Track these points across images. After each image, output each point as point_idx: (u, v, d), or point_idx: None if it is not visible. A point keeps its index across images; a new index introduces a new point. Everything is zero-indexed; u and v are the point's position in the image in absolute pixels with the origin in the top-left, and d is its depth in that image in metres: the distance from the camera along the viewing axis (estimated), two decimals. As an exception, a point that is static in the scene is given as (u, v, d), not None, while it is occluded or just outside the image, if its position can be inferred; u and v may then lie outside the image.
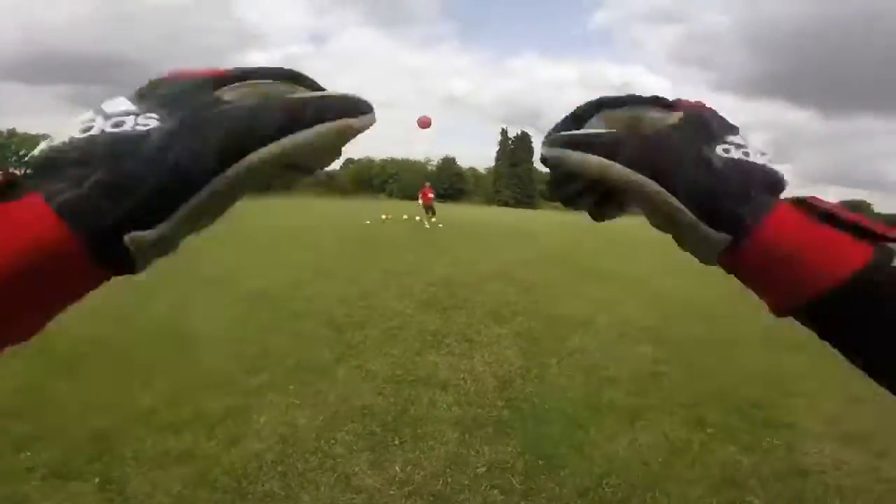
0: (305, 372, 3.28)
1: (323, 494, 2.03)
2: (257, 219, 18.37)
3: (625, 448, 2.48)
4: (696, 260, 0.30)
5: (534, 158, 65.69)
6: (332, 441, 2.41)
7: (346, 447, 2.37)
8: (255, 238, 11.45)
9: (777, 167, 0.27)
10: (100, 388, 2.91)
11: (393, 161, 68.74)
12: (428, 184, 19.58)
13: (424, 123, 17.75)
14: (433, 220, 17.64)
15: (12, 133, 69.96)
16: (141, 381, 3.01)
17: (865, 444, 2.65)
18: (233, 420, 2.57)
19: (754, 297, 0.31)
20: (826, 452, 2.57)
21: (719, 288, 7.54)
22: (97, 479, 2.03)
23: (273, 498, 1.99)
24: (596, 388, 3.23)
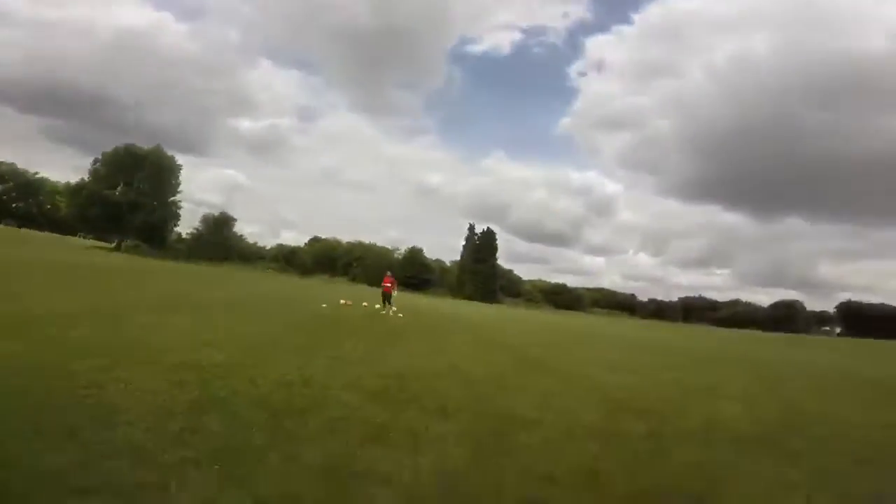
0: (234, 453, 3.03)
1: None
2: (208, 290, 17.71)
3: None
4: (636, 356, 0.39)
5: (497, 255, 68.72)
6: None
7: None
8: (201, 309, 10.95)
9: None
10: (10, 443, 2.68)
11: (360, 245, 69.40)
12: (389, 273, 19.98)
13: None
14: (393, 309, 17.63)
15: None
16: (54, 443, 2.77)
17: None
18: (148, 493, 2.31)
19: (695, 392, 0.43)
20: None
21: (658, 384, 7.84)
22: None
23: None
24: (536, 485, 3.18)
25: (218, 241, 56.77)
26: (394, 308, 17.86)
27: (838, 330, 78.89)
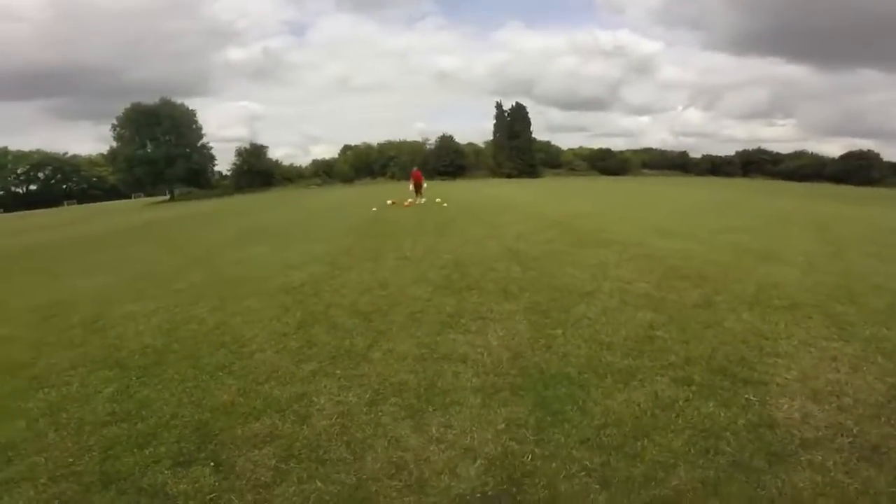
0: (346, 357, 3.87)
1: (380, 455, 2.61)
2: (268, 215, 19.00)
3: (619, 404, 3.02)
4: (691, 220, 0.55)
5: (532, 129, 65.31)
6: (381, 413, 3.00)
7: (392, 417, 2.95)
8: (271, 235, 12.03)
9: None
10: (180, 388, 3.51)
11: (391, 144, 68.42)
12: (415, 168, 22.07)
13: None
14: (437, 200, 19.03)
15: (5, 151, 70.06)
16: (213, 381, 3.61)
17: (833, 400, 3.00)
18: (300, 406, 3.16)
19: (752, 257, 0.64)
20: (795, 407, 2.94)
21: (713, 249, 8.01)
22: (212, 463, 2.62)
23: (344, 462, 2.58)
24: (596, 353, 3.77)
25: (257, 169, 58.35)
26: (437, 199, 18.98)
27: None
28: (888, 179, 66.37)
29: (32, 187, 74.22)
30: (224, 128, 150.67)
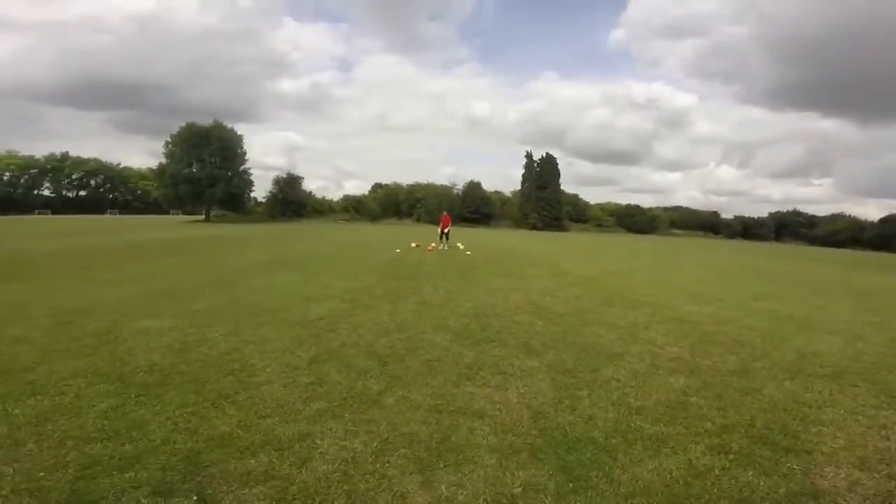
0: (357, 400, 3.67)
1: (382, 510, 2.38)
2: (294, 246, 19.33)
3: (649, 472, 2.73)
4: (724, 284, 0.52)
5: (560, 180, 66.11)
6: (387, 464, 2.77)
7: (399, 470, 2.71)
8: (296, 266, 12.13)
9: None
10: (178, 412, 3.36)
11: (419, 186, 70.19)
12: (445, 212, 22.65)
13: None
14: (460, 247, 19.60)
15: (65, 157, 75.15)
16: (214, 408, 3.45)
17: (882, 469, 2.82)
18: (300, 445, 2.96)
19: (790, 324, 0.58)
20: (841, 475, 2.74)
21: (749, 315, 7.66)
22: (195, 497, 2.43)
23: (341, 512, 2.35)
24: (625, 417, 3.48)
25: (291, 199, 60.38)
26: (460, 245, 19.18)
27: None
28: (932, 248, 62.95)
29: (82, 193, 78.46)
30: (266, 155, 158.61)
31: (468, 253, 17.79)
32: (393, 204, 67.06)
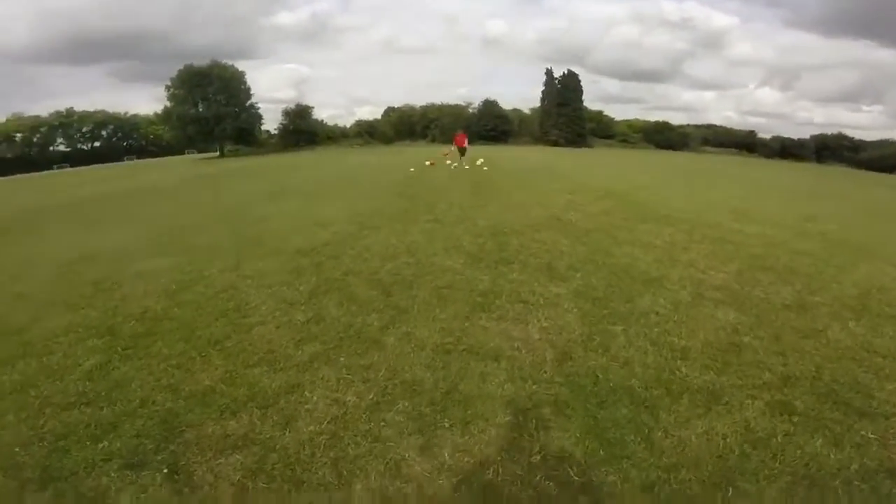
0: (355, 340, 3.25)
1: (373, 483, 1.99)
2: (303, 172, 18.66)
3: (698, 436, 2.24)
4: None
5: (583, 97, 61.06)
6: (383, 423, 2.36)
7: (397, 429, 2.30)
8: (305, 193, 11.58)
9: None
10: (162, 366, 3.03)
11: (433, 106, 67.05)
12: (461, 130, 21.11)
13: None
14: (478, 162, 18.16)
15: (71, 112, 74.34)
16: (200, 358, 3.10)
17: None
18: (287, 399, 2.58)
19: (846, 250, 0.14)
20: None
21: (800, 237, 6.77)
22: (165, 469, 2.10)
23: (325, 487, 1.98)
24: (668, 362, 2.95)
25: (303, 129, 59.34)
26: (478, 162, 17.89)
27: None
28: None
29: (97, 144, 79.19)
30: (273, 90, 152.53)
31: (485, 168, 16.77)
32: (406, 126, 64.46)
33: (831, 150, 70.84)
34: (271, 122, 63.99)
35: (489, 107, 62.85)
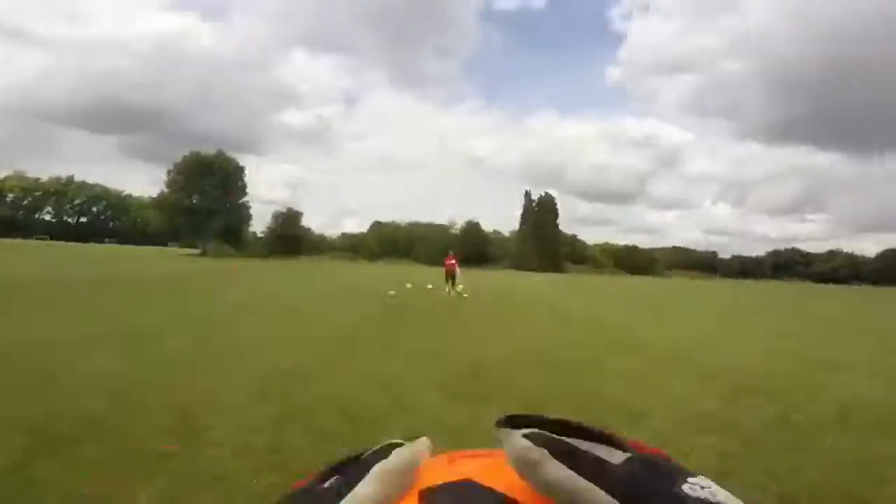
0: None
1: None
2: (285, 286, 18.61)
3: None
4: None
5: (558, 220, 66.18)
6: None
7: None
8: (281, 308, 11.41)
9: None
10: (93, 477, 2.68)
11: (418, 225, 70.16)
12: (451, 251, 19.59)
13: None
14: (458, 289, 17.57)
15: (69, 181, 75.00)
16: (146, 475, 2.76)
17: None
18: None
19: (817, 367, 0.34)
20: None
21: (771, 359, 6.97)
22: None
23: None
24: None
25: (289, 235, 60.04)
26: (459, 287, 17.60)
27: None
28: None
29: (83, 219, 77.94)
30: (270, 188, 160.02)
31: (465, 296, 17.06)
32: (391, 243, 66.86)
33: (785, 266, 75.85)
34: (261, 223, 64.34)
35: (472, 229, 66.08)
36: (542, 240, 63.22)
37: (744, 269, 79.08)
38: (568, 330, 9.77)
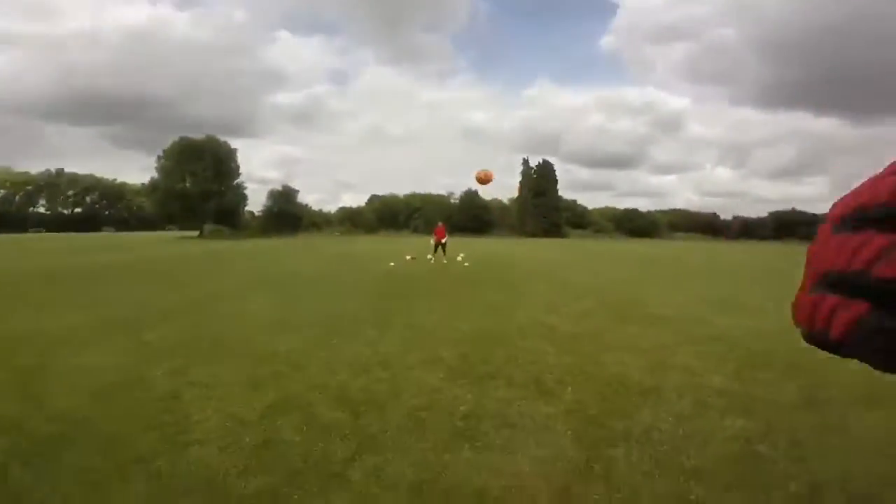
0: (313, 473, 2.69)
1: None
2: (281, 262, 18.33)
3: None
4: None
5: (558, 187, 65.29)
6: None
7: None
8: (278, 287, 11.14)
9: None
10: (75, 481, 2.51)
11: (416, 196, 69.54)
12: (441, 223, 20.71)
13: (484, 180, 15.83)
14: (459, 257, 18.49)
15: (60, 173, 74.10)
16: (124, 476, 2.58)
17: None
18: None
19: None
20: None
21: (790, 328, 6.59)
22: None
23: None
24: (680, 485, 2.52)
25: (287, 212, 59.61)
26: (459, 257, 18.14)
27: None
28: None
29: (78, 210, 77.63)
30: (264, 169, 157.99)
31: (466, 264, 16.82)
32: (390, 215, 66.41)
33: (789, 225, 75.81)
34: (256, 203, 63.85)
35: (471, 198, 65.57)
36: (542, 206, 62.61)
37: (746, 229, 78.59)
38: (573, 299, 9.44)
